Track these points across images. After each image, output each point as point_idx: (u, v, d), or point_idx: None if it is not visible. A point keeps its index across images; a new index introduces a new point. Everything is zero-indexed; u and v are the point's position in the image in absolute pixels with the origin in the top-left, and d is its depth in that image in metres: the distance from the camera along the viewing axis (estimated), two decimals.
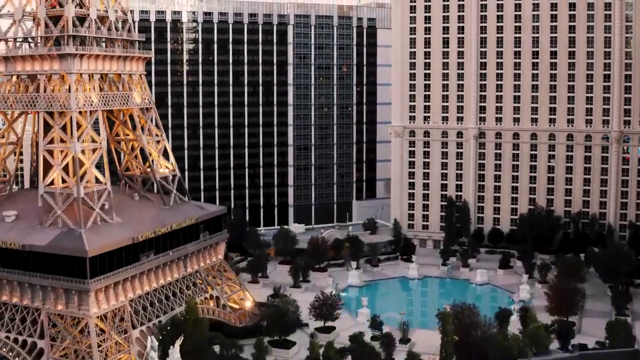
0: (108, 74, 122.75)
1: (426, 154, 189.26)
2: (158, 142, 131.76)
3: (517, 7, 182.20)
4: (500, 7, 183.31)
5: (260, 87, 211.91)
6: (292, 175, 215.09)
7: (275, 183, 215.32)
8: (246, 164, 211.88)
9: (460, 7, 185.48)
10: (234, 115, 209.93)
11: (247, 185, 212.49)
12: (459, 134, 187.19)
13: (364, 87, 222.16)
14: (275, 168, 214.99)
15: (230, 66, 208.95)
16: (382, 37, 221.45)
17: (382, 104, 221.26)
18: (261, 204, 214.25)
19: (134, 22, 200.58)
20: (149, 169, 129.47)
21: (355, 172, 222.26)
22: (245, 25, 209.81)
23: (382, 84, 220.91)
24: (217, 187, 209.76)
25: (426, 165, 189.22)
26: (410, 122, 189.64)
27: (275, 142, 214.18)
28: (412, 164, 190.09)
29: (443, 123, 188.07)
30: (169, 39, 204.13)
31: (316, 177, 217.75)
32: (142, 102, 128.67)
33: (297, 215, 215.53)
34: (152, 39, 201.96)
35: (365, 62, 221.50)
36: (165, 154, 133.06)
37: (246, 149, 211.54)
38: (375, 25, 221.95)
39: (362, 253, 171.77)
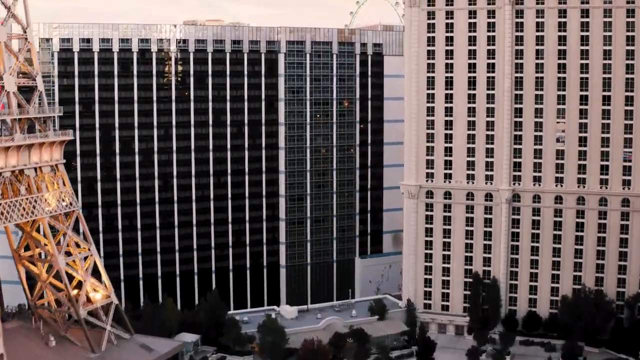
0: (2, 172, 78.29)
1: (447, 220, 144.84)
2: (85, 258, 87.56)
3: (562, 40, 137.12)
4: (539, 39, 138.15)
5: (246, 128, 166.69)
6: (284, 230, 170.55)
7: (265, 240, 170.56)
8: (230, 219, 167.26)
9: (490, 39, 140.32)
10: (215, 162, 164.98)
11: (231, 243, 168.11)
12: (488, 196, 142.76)
13: (369, 125, 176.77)
14: (264, 223, 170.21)
15: (210, 103, 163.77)
16: (390, 65, 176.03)
17: (390, 144, 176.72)
18: (248, 265, 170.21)
19: (93, 53, 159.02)
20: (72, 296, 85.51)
21: (359, 224, 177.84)
22: (228, 55, 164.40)
23: (390, 121, 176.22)
24: (195, 246, 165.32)
25: (447, 233, 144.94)
26: (427, 180, 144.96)
27: (264, 193, 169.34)
28: (429, 232, 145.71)
29: (468, 182, 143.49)
30: (135, 73, 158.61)
31: (312, 232, 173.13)
32: (58, 206, 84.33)
33: (290, 278, 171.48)
34: (115, 72, 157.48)
35: (370, 96, 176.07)
36: (96, 273, 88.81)
37: (229, 202, 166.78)
38: (382, 52, 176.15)
39: (368, 353, 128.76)
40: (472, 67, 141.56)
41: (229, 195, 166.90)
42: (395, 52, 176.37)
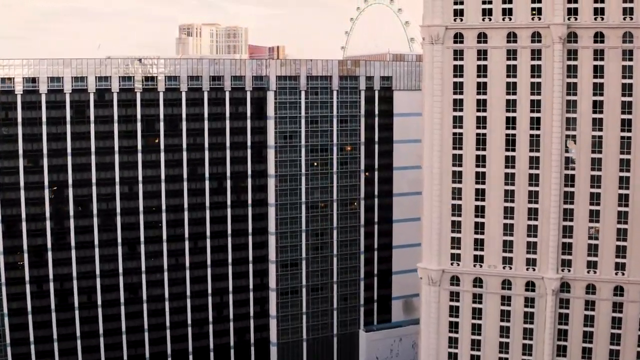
0: None
1: (477, 313, 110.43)
2: None
3: (626, 89, 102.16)
4: (598, 88, 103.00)
5: (228, 182, 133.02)
6: (275, 302, 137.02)
7: (252, 314, 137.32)
8: (209, 291, 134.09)
9: (535, 87, 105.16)
10: (191, 223, 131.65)
11: (211, 319, 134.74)
12: (530, 285, 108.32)
13: (376, 174, 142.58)
14: (252, 293, 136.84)
15: (184, 153, 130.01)
16: (400, 102, 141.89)
17: (400, 195, 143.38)
18: (232, 344, 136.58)
19: (40, 95, 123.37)
20: None
21: (364, 290, 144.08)
22: (206, 94, 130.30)
23: (401, 168, 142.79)
24: (168, 324, 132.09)
25: (476, 329, 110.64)
26: (452, 264, 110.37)
27: (250, 258, 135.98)
28: (454, 326, 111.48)
29: (504, 267, 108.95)
30: (92, 118, 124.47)
31: (309, 302, 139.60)
32: None
33: (283, 357, 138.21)
34: (67, 118, 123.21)
35: (377, 139, 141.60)
36: None
37: (209, 270, 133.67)
38: (391, 86, 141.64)
39: None
40: (510, 122, 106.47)
41: (209, 263, 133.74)
42: (407, 86, 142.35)
